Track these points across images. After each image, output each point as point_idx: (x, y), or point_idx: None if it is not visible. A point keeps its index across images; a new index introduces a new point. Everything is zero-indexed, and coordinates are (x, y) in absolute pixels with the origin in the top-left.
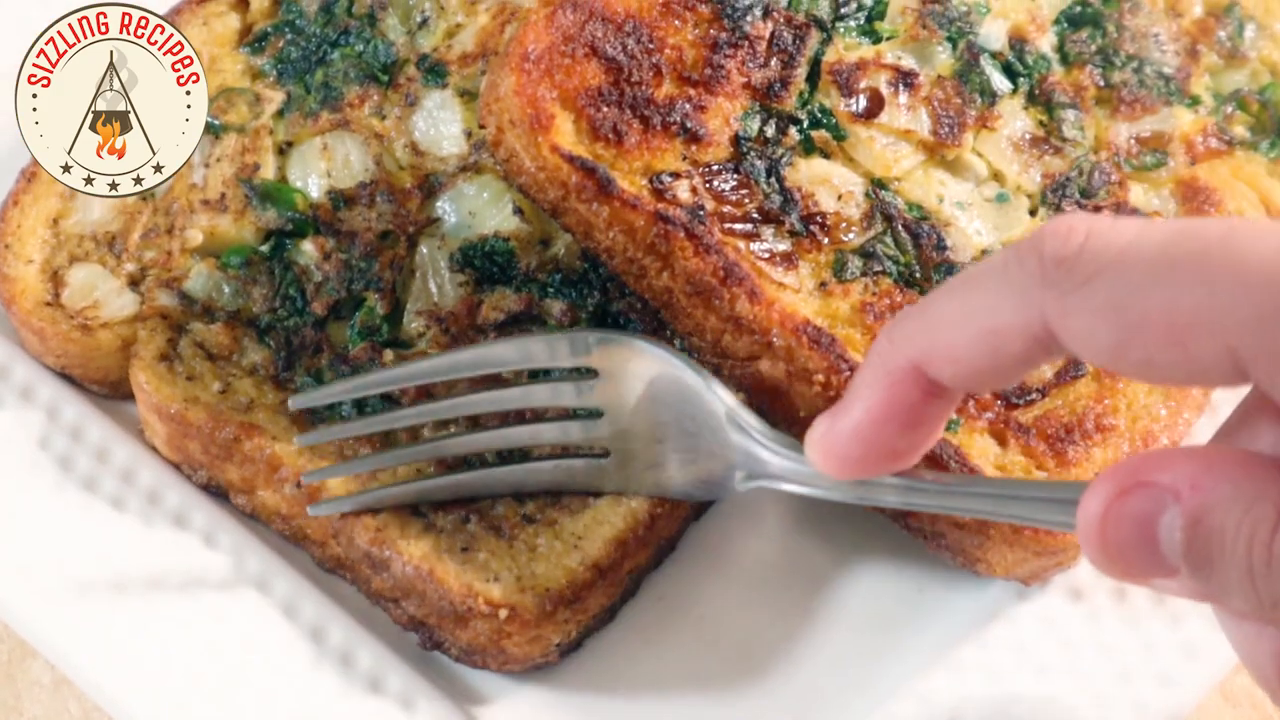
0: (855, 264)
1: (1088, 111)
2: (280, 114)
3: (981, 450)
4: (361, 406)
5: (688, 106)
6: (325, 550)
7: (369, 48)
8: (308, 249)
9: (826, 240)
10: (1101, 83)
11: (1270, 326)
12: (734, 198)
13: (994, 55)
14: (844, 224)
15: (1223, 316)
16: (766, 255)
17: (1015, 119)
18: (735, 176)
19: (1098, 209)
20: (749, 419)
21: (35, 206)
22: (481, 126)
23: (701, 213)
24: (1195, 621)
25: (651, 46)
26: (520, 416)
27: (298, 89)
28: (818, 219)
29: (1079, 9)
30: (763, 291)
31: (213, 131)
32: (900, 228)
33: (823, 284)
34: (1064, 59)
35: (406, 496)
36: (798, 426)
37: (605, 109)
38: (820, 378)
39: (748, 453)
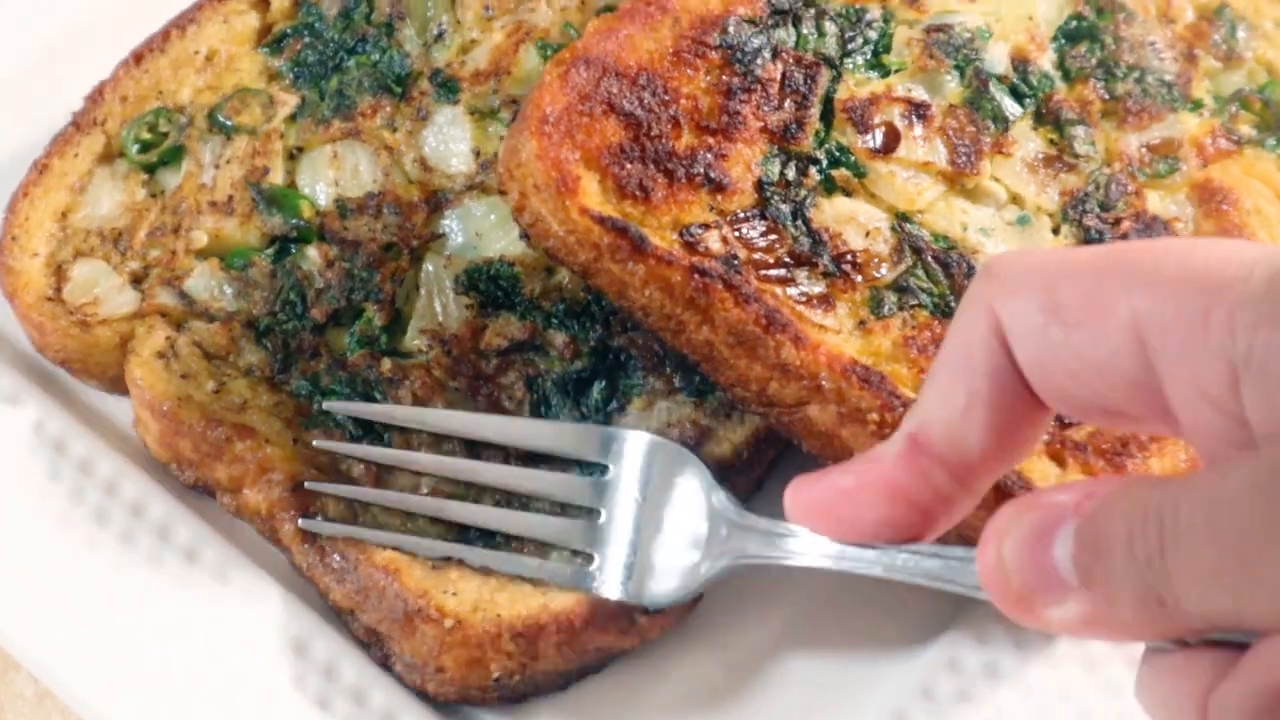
0: (891, 299)
1: (1096, 125)
2: (293, 118)
3: (1043, 473)
4: (369, 427)
5: (709, 156)
6: (294, 556)
7: (385, 57)
8: (311, 255)
9: (860, 278)
10: (1106, 95)
11: (1174, 322)
12: (764, 244)
13: (1000, 79)
14: (874, 260)
15: (1135, 300)
16: (804, 299)
17: (1027, 140)
18: (763, 222)
19: (1118, 221)
20: (724, 497)
21: (45, 199)
22: (501, 193)
23: (736, 262)
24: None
25: (667, 98)
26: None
27: (312, 94)
28: (848, 258)
29: (1075, 24)
30: (807, 336)
31: (225, 132)
32: (930, 259)
33: (862, 322)
34: (1066, 75)
35: (400, 543)
36: None
37: (629, 165)
38: (874, 416)
39: (734, 528)
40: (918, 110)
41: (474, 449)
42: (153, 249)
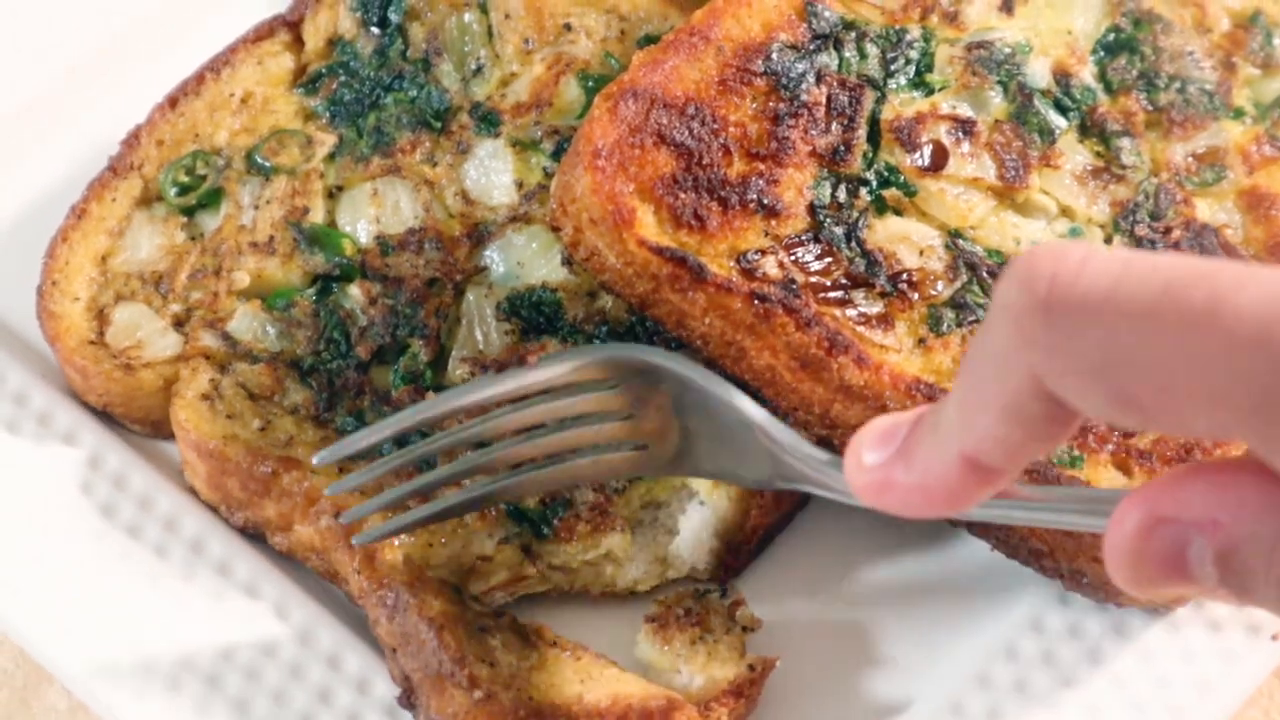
0: (949, 316)
1: (1140, 136)
2: (331, 157)
3: (1110, 482)
4: (401, 444)
5: (761, 182)
6: (351, 585)
7: (422, 93)
8: (354, 293)
9: (916, 296)
10: (1148, 106)
11: (1261, 396)
12: (820, 267)
13: (1043, 93)
14: (930, 278)
15: (1211, 386)
16: (863, 320)
17: (1074, 153)
18: (817, 245)
19: (1169, 230)
20: (780, 432)
21: (84, 243)
22: (554, 229)
23: (794, 286)
24: (1235, 630)
25: (716, 126)
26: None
27: (350, 132)
28: (904, 277)
29: (1113, 36)
30: (869, 356)
31: (263, 173)
32: (985, 275)
33: (921, 340)
34: (1108, 87)
35: (444, 513)
36: None
37: (683, 195)
38: None
39: (780, 461)
40: (964, 127)
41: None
42: (194, 291)
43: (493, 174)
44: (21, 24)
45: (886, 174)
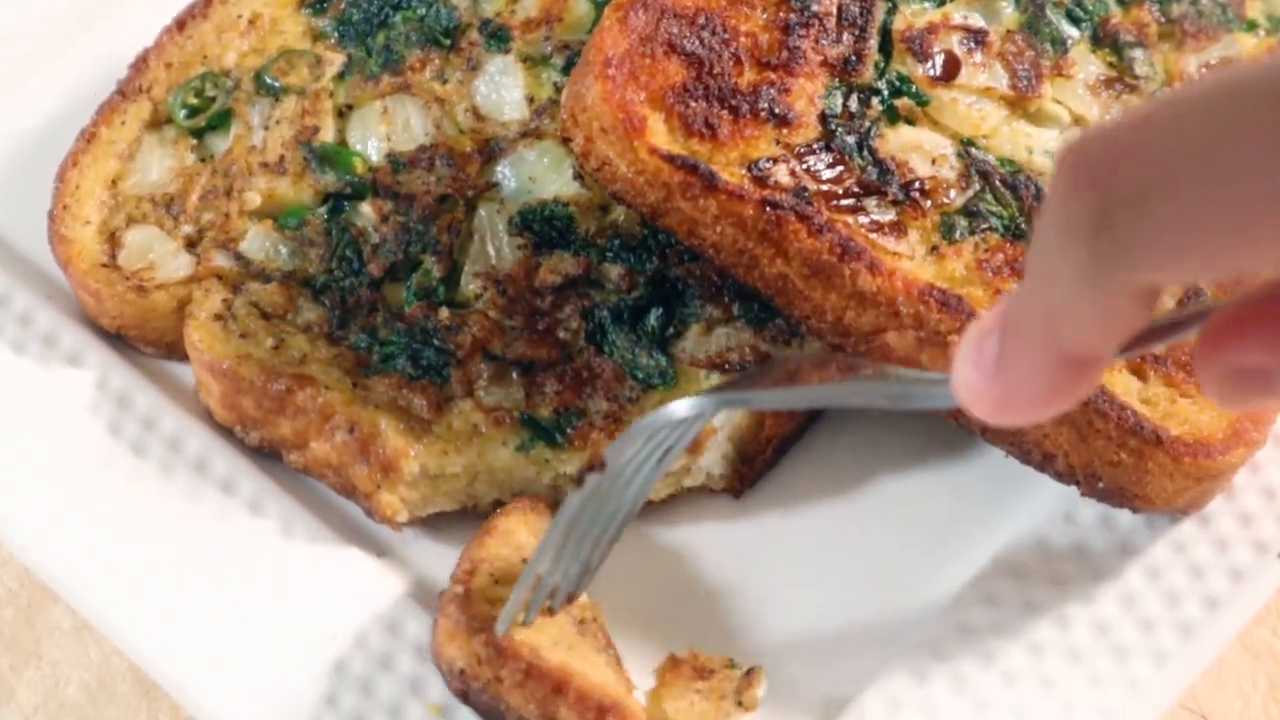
0: (962, 224)
1: (1153, 47)
2: (341, 76)
3: (1125, 387)
4: (416, 358)
5: (772, 91)
6: (372, 502)
7: (431, 11)
8: (366, 211)
9: (929, 204)
10: (1161, 18)
11: None
12: (831, 175)
13: (1055, 3)
14: (942, 186)
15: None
16: (875, 227)
17: (1087, 63)
18: (829, 154)
19: None
20: None
21: (94, 168)
22: (565, 140)
23: (806, 194)
24: (1242, 548)
25: (727, 36)
26: None
27: (359, 51)
28: (916, 185)
29: None
30: (882, 263)
31: (272, 93)
32: (998, 183)
33: (934, 248)
34: None
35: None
36: None
37: (694, 104)
38: (955, 339)
39: None
40: (976, 37)
41: (529, 373)
42: (205, 212)
43: (503, 90)
44: None
45: (898, 84)
